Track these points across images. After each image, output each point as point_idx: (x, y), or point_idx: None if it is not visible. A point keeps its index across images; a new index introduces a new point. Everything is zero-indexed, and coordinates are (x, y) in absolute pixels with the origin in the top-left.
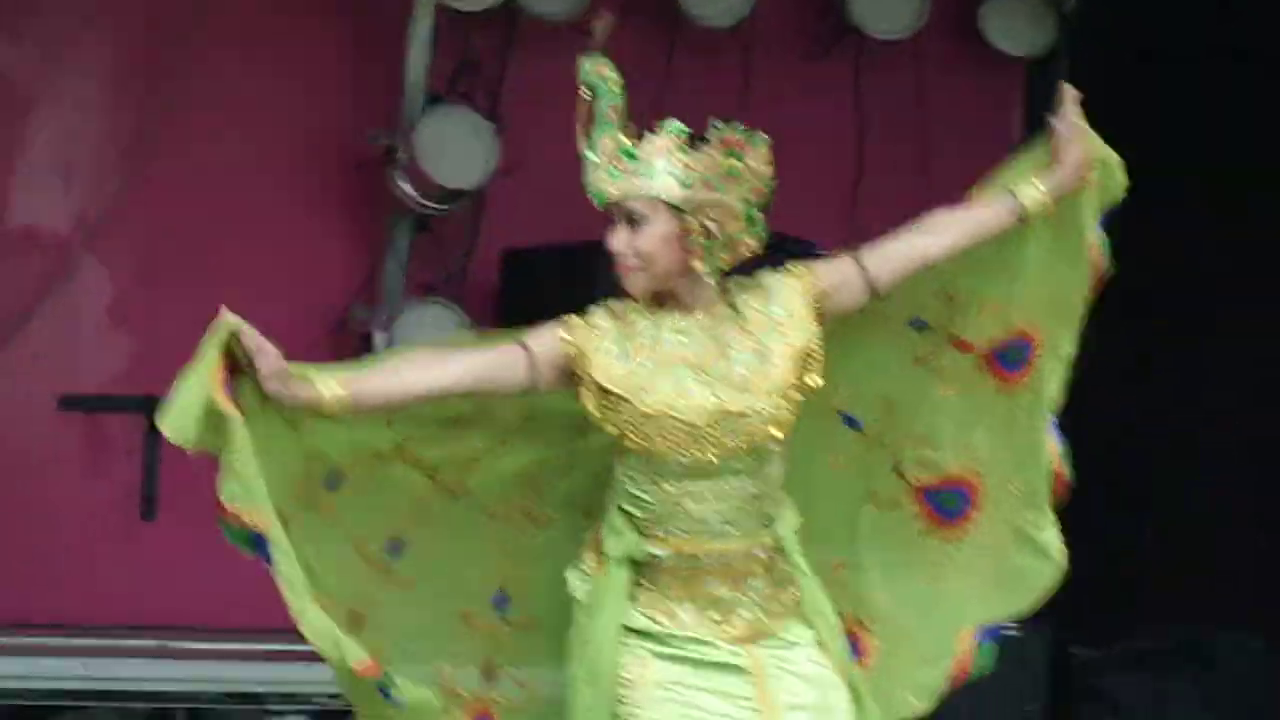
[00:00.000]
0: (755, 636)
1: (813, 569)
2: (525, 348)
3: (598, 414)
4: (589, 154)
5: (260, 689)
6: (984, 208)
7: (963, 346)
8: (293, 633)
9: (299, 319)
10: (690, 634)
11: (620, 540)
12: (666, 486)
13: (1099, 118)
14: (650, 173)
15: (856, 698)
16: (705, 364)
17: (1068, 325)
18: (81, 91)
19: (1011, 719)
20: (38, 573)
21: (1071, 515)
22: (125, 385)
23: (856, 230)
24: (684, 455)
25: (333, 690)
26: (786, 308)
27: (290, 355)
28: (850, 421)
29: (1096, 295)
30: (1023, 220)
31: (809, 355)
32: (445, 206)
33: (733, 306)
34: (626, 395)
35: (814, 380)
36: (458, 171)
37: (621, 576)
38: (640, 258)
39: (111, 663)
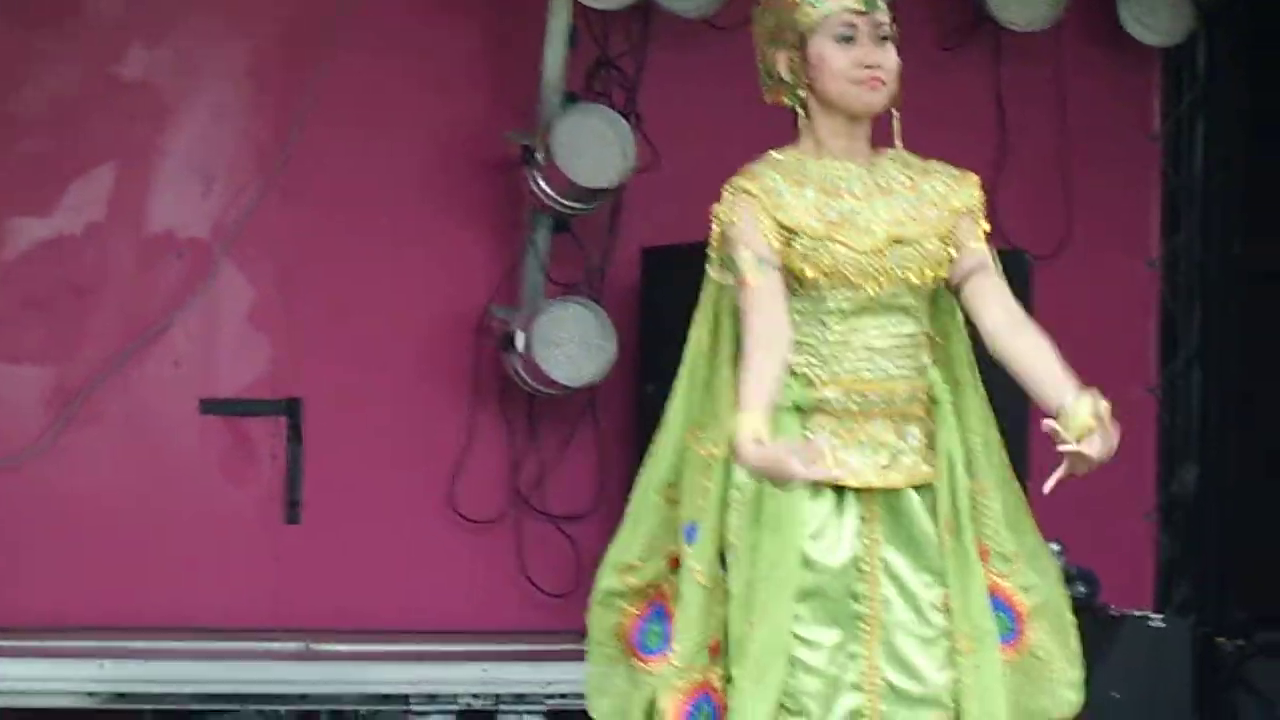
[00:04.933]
0: (914, 483)
1: None
2: (772, 279)
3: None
4: None
5: (404, 690)
6: (1056, 375)
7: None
8: (435, 633)
9: (439, 319)
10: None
11: (786, 390)
12: (834, 325)
13: (1237, 105)
14: None
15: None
16: (870, 199)
17: None
18: (218, 96)
19: (1159, 707)
20: (181, 576)
21: (1219, 503)
22: (266, 389)
23: (995, 222)
24: (853, 287)
25: (477, 690)
26: (951, 185)
27: (431, 355)
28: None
29: None
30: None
31: (970, 217)
32: (584, 205)
33: (894, 160)
34: (797, 227)
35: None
36: (596, 170)
37: (793, 423)
38: (888, 75)
39: (255, 665)
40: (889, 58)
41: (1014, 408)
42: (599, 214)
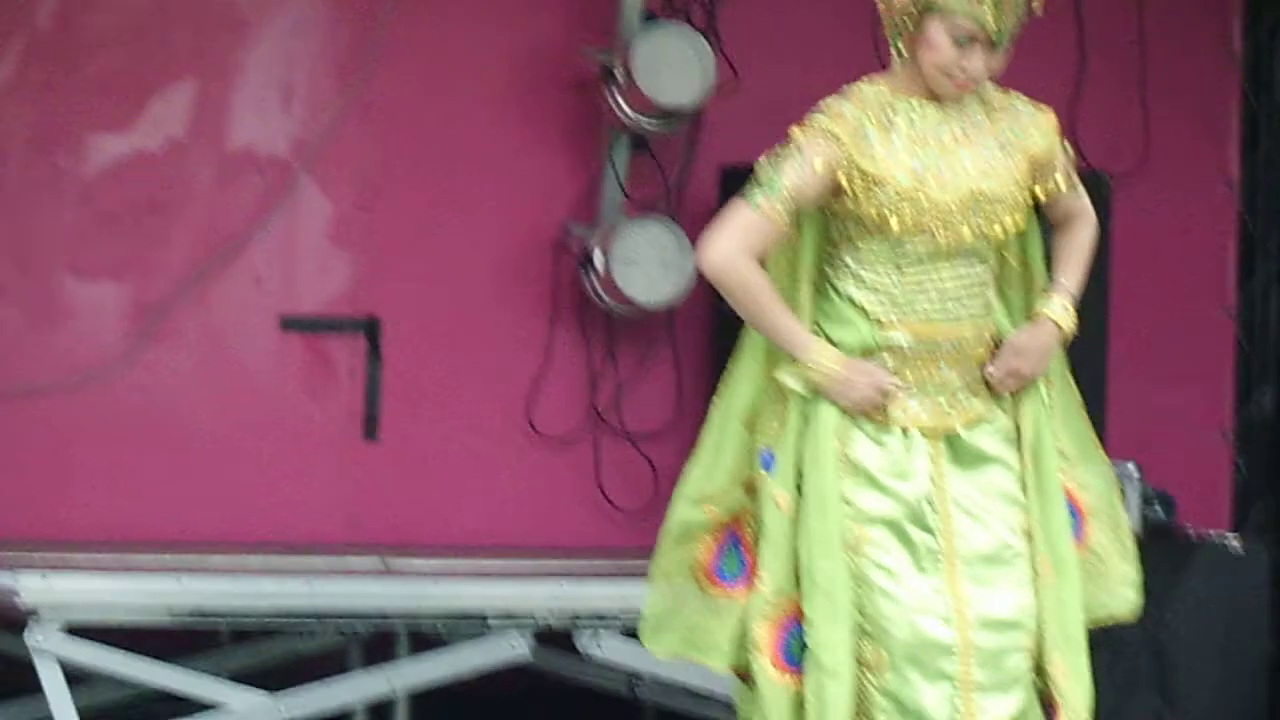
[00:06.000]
0: (977, 421)
1: None
2: (780, 219)
3: (854, 196)
4: None
5: (482, 607)
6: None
7: None
8: (512, 550)
9: (517, 237)
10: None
11: (853, 329)
12: (909, 270)
13: None
14: (1021, 3)
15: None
16: (955, 149)
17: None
18: (298, 12)
19: (1236, 630)
20: (259, 494)
21: None
22: (346, 306)
23: (1074, 142)
24: (935, 236)
25: (554, 608)
26: (1029, 127)
27: (509, 273)
28: None
29: None
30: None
31: (1045, 164)
32: (663, 124)
33: (982, 102)
34: (885, 177)
35: (1045, 188)
36: (675, 89)
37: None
38: (985, 78)
39: (333, 582)
40: (996, 65)
41: (1092, 331)
42: (678, 133)
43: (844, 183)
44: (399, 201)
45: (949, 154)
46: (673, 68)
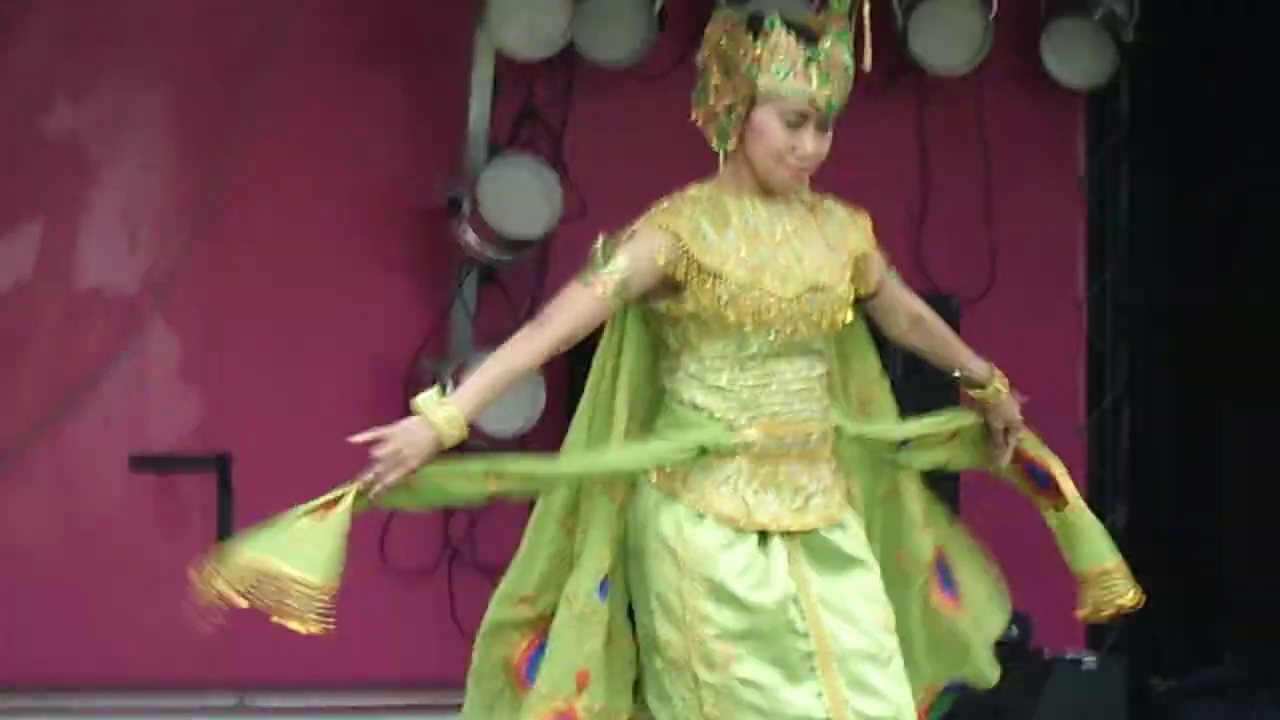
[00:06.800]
0: (831, 524)
1: None
2: (607, 297)
3: (693, 294)
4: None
5: None
6: (968, 353)
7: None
8: (369, 685)
9: (367, 371)
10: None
11: (703, 431)
12: (753, 369)
13: (1161, 145)
14: (846, 77)
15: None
16: (787, 244)
17: None
18: (145, 151)
19: None
20: (112, 633)
21: (1150, 544)
22: (197, 444)
23: (921, 265)
24: (773, 331)
25: None
26: (848, 227)
27: (360, 407)
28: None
29: None
30: (980, 387)
31: (866, 264)
32: (511, 256)
33: (804, 202)
34: (722, 273)
35: (869, 285)
36: (522, 221)
37: (708, 467)
38: (816, 163)
39: None
40: (824, 146)
41: None
42: (526, 263)
43: (681, 278)
44: (248, 337)
45: (782, 249)
46: (520, 199)
